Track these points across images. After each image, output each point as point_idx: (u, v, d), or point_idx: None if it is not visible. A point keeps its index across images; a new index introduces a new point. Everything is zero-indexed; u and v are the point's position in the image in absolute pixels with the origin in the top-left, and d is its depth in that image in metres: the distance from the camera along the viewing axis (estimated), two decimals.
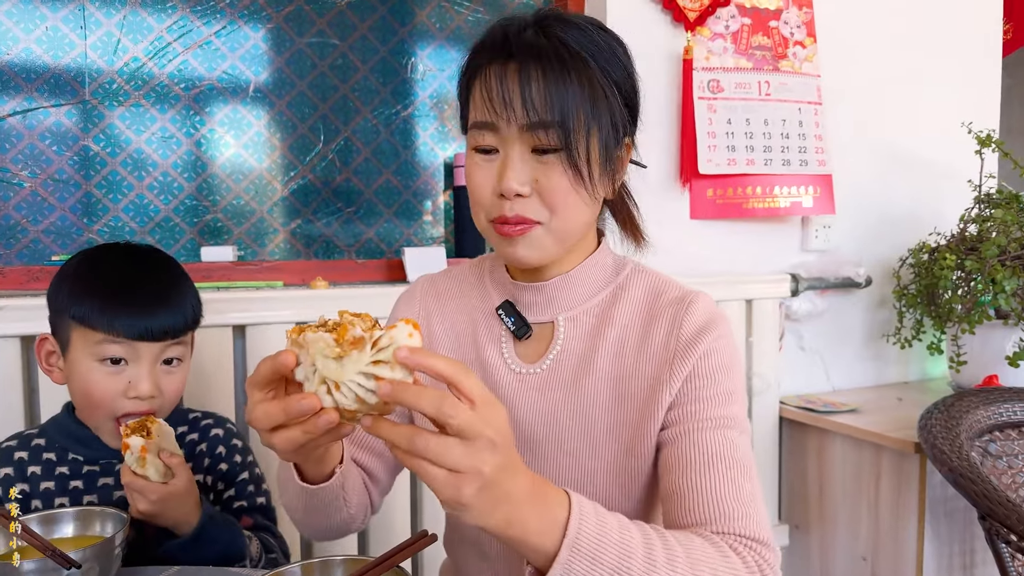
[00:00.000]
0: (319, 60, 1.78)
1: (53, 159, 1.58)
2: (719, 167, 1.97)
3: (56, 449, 1.08)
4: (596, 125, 0.82)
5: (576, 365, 0.91)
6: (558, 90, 0.79)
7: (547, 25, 0.83)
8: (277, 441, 0.64)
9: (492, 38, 0.84)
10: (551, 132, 0.80)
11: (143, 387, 1.02)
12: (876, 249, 2.22)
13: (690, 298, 0.90)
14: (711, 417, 0.84)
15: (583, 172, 0.82)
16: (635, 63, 0.89)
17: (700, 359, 0.86)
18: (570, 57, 0.80)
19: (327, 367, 0.59)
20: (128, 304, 1.02)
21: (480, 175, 0.85)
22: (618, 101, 0.84)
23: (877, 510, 1.85)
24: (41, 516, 0.91)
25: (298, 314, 1.56)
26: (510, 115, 0.80)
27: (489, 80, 0.82)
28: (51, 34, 1.57)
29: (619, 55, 0.86)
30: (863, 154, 2.21)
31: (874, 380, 2.29)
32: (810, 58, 2.08)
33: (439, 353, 0.66)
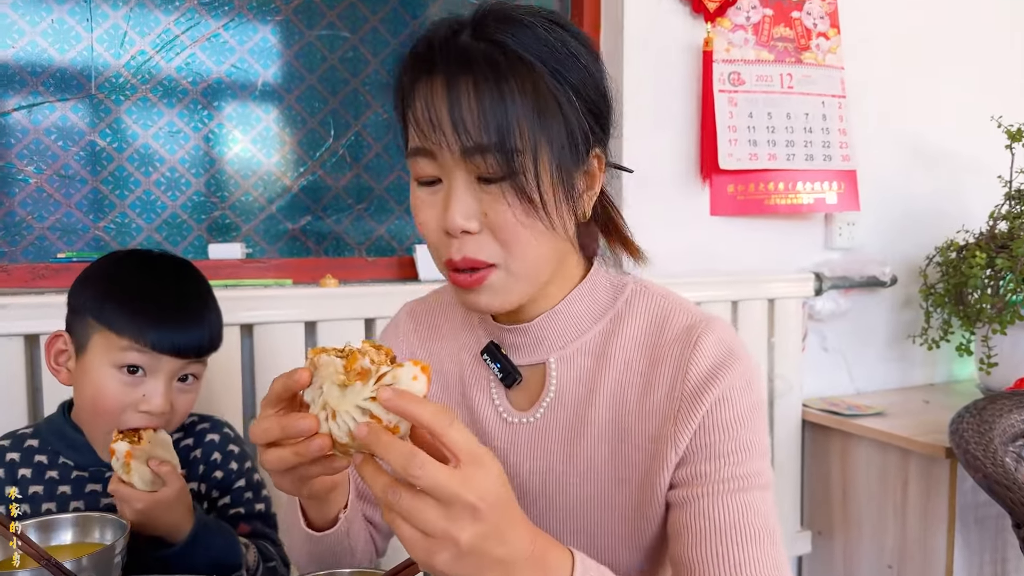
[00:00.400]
0: (329, 53, 1.74)
1: (59, 154, 1.55)
2: (740, 162, 1.91)
3: (48, 452, 1.05)
4: (546, 141, 0.69)
5: (572, 413, 0.81)
6: (493, 105, 0.66)
7: (483, 26, 0.70)
8: (268, 459, 0.62)
9: (416, 48, 0.72)
10: (490, 157, 0.67)
11: (156, 402, 0.99)
12: (902, 247, 2.16)
13: (698, 331, 0.77)
14: (725, 479, 0.74)
15: (534, 200, 0.69)
16: (603, 67, 0.76)
17: (710, 410, 0.75)
18: (507, 63, 0.67)
19: (331, 393, 0.59)
20: (162, 316, 1.00)
21: (425, 212, 0.73)
22: (577, 108, 0.71)
23: (904, 517, 1.79)
24: (39, 522, 0.88)
25: (307, 313, 1.52)
26: (440, 139, 0.68)
27: (415, 99, 0.70)
28: (57, 27, 1.54)
29: (578, 53, 0.72)
30: (888, 149, 2.14)
31: (899, 382, 2.22)
32: (833, 50, 2.01)
33: (428, 400, 0.58)
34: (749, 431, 0.75)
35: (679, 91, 1.90)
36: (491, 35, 0.69)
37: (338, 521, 0.80)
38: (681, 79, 1.89)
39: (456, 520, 0.54)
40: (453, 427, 0.56)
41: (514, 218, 0.70)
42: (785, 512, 2.01)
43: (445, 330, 0.92)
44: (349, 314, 1.52)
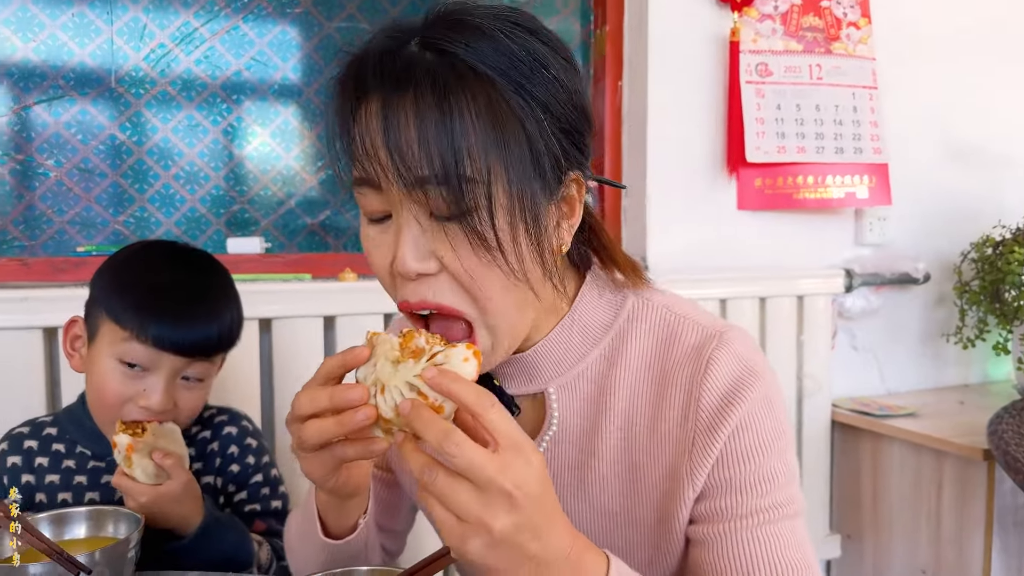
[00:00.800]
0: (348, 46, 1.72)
1: (79, 148, 1.55)
2: (768, 155, 1.86)
3: (66, 441, 1.05)
4: (503, 170, 0.58)
5: (578, 447, 0.74)
6: (436, 129, 0.56)
7: (432, 33, 0.59)
8: (308, 431, 0.59)
9: (350, 63, 0.62)
10: (436, 192, 0.58)
11: (154, 399, 0.96)
12: (935, 243, 2.10)
13: (711, 348, 0.69)
14: (752, 512, 0.68)
15: (489, 242, 0.59)
16: (579, 76, 0.66)
17: (729, 440, 0.67)
18: (456, 77, 0.57)
19: (384, 369, 0.59)
20: (163, 311, 0.96)
21: (374, 253, 0.64)
22: (546, 128, 0.61)
23: (939, 520, 1.73)
24: (53, 516, 0.87)
25: (326, 308, 1.50)
26: (378, 171, 0.59)
27: (352, 123, 0.60)
28: (77, 20, 1.53)
29: (547, 63, 0.61)
30: (921, 141, 2.08)
31: (932, 382, 2.16)
32: (864, 40, 1.96)
33: (471, 382, 0.55)
34: (773, 457, 0.69)
35: (705, 83, 1.86)
36: (440, 45, 0.58)
37: (357, 527, 0.77)
38: (707, 71, 1.85)
39: (490, 506, 0.52)
40: (493, 409, 0.54)
41: (473, 263, 0.60)
42: (813, 515, 1.96)
43: None
44: (368, 308, 1.50)
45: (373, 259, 0.65)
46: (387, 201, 0.61)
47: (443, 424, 0.53)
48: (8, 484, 1.01)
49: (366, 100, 0.59)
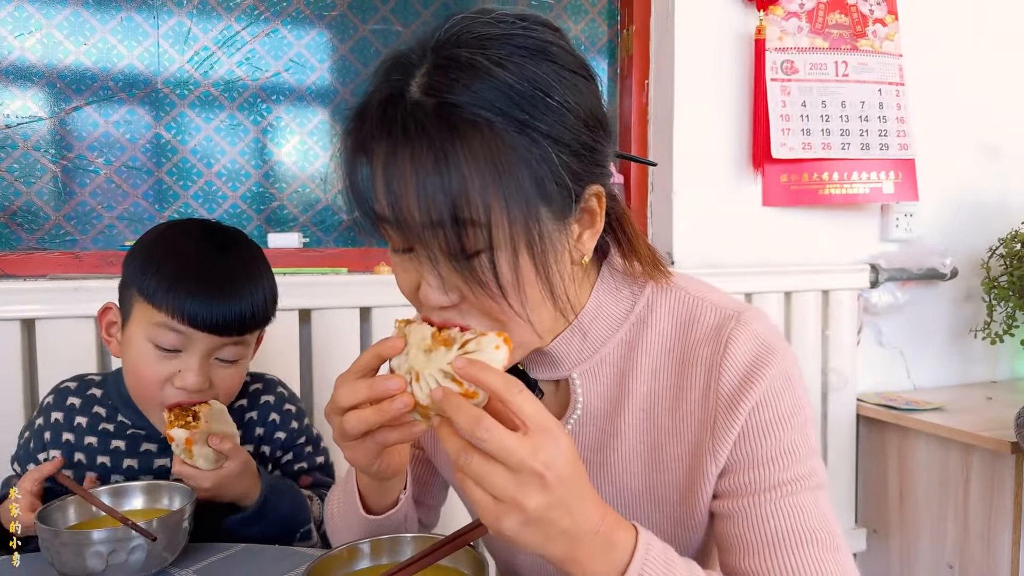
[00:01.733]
0: (382, 47, 1.77)
1: (126, 147, 1.62)
2: (793, 151, 1.88)
3: (108, 406, 1.06)
4: (508, 210, 0.59)
5: (601, 428, 0.77)
6: (437, 181, 0.57)
7: (429, 80, 0.59)
8: (350, 422, 0.63)
9: (353, 119, 0.63)
10: (442, 235, 0.59)
11: (190, 379, 0.96)
12: (963, 238, 2.10)
13: (730, 328, 0.71)
14: (775, 485, 0.70)
15: (491, 286, 0.61)
16: (591, 88, 0.65)
17: (749, 417, 0.70)
18: (453, 126, 0.57)
19: (417, 358, 0.61)
20: (197, 289, 0.95)
21: (401, 277, 0.67)
22: (554, 160, 0.61)
23: (966, 514, 1.74)
24: (111, 488, 0.92)
25: (361, 299, 1.55)
26: (388, 215, 0.61)
27: (353, 176, 0.62)
28: (125, 25, 1.60)
29: (551, 89, 0.61)
30: (949, 137, 2.09)
31: (960, 378, 2.16)
32: (891, 36, 1.97)
33: (499, 370, 0.58)
34: (794, 431, 0.71)
35: (731, 80, 1.88)
36: (437, 91, 0.59)
37: (398, 502, 0.82)
38: (733, 68, 1.88)
39: (524, 486, 0.55)
40: (521, 395, 0.57)
41: (490, 297, 0.62)
42: (839, 509, 1.97)
43: None
44: (401, 300, 1.54)
45: (400, 283, 0.68)
46: (405, 239, 0.63)
47: (474, 410, 0.56)
48: (49, 439, 1.03)
49: (368, 153, 0.61)
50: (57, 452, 1.03)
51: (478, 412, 0.56)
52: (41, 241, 1.57)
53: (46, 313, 1.38)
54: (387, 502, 0.82)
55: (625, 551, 0.61)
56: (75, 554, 0.79)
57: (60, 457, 1.00)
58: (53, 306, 1.38)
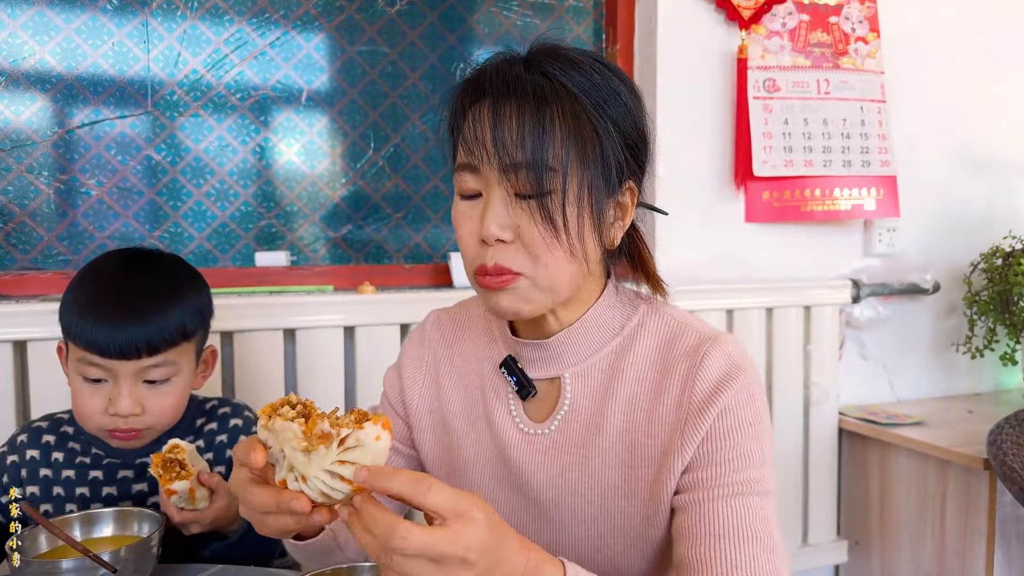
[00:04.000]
0: (370, 68, 1.81)
1: (118, 168, 1.65)
2: (775, 169, 1.91)
3: (81, 440, 1.10)
4: (579, 166, 0.74)
5: (585, 426, 0.85)
6: (532, 127, 0.73)
7: (534, 59, 0.77)
8: (272, 526, 0.66)
9: (471, 75, 0.79)
10: (524, 175, 0.74)
11: (121, 405, 0.99)
12: (945, 253, 2.12)
13: (706, 347, 0.81)
14: (727, 484, 0.78)
15: (557, 222, 0.74)
16: (643, 107, 0.81)
17: (715, 421, 0.79)
18: (552, 92, 0.74)
19: (295, 459, 0.60)
20: (99, 317, 0.98)
21: (464, 224, 0.79)
22: (615, 139, 0.77)
23: (943, 529, 1.76)
24: (81, 516, 0.95)
25: (347, 318, 1.59)
26: (482, 155, 0.75)
27: (465, 120, 0.77)
28: (117, 49, 1.64)
29: (619, 92, 0.78)
30: (931, 153, 2.11)
31: (942, 391, 2.18)
32: (873, 54, 1.99)
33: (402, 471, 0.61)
34: (750, 440, 0.79)
35: (713, 98, 1.91)
36: (540, 67, 0.76)
37: (322, 530, 0.85)
38: (715, 86, 1.90)
39: (449, 572, 0.58)
40: (431, 492, 0.58)
41: (540, 236, 0.75)
42: (821, 520, 2.00)
43: (468, 341, 0.96)
44: (386, 319, 1.59)
45: (461, 230, 0.79)
46: (481, 182, 0.77)
47: (387, 521, 0.57)
48: (26, 476, 1.07)
49: (480, 102, 0.76)
50: (35, 488, 1.06)
51: (391, 522, 0.57)
52: (35, 261, 1.61)
53: (38, 335, 1.41)
54: (313, 529, 0.84)
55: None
56: None
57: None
58: (44, 328, 1.41)
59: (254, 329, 1.53)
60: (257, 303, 1.53)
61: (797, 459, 1.96)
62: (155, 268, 1.07)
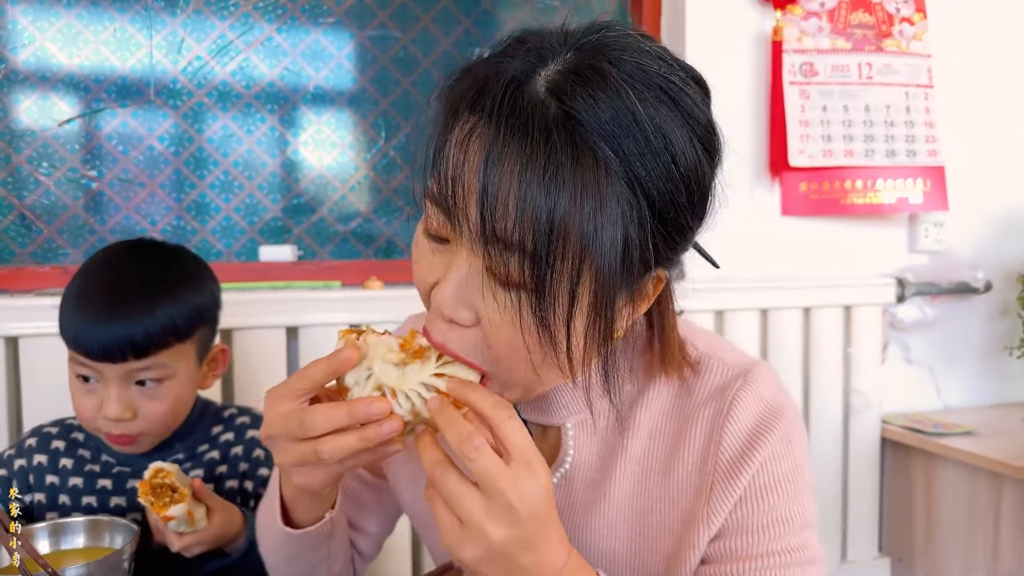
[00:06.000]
0: (380, 54, 1.72)
1: (119, 159, 1.59)
2: (812, 159, 1.78)
3: (91, 448, 1.05)
4: (593, 262, 0.52)
5: (589, 486, 0.71)
6: (537, 196, 0.50)
7: (567, 85, 0.52)
8: (330, 448, 0.57)
9: (475, 78, 0.55)
10: (514, 259, 0.52)
11: (110, 409, 0.93)
12: (997, 250, 1.98)
13: (735, 388, 0.66)
14: (764, 554, 0.65)
15: (554, 334, 0.54)
16: (714, 152, 0.59)
17: (749, 483, 0.65)
18: (573, 151, 0.51)
19: (386, 373, 0.58)
20: (85, 316, 0.92)
21: (422, 266, 0.60)
22: (649, 225, 0.54)
23: (996, 548, 1.63)
24: (51, 526, 0.88)
25: (352, 316, 1.51)
26: (462, 214, 0.53)
27: (448, 147, 0.54)
28: (118, 35, 1.58)
29: (676, 155, 0.54)
30: (982, 142, 1.97)
31: (994, 399, 2.04)
32: (919, 36, 1.86)
33: (489, 391, 0.55)
34: (790, 500, 0.66)
35: (746, 84, 1.79)
36: (570, 104, 0.52)
37: (322, 519, 0.74)
38: (748, 71, 1.79)
39: (493, 516, 0.53)
40: (510, 422, 0.54)
41: (519, 341, 0.55)
42: (861, 536, 1.87)
43: None
44: (392, 316, 1.50)
45: (416, 270, 0.61)
46: (450, 232, 0.56)
47: (465, 425, 0.54)
48: (33, 482, 1.02)
49: (472, 121, 0.53)
50: (40, 495, 1.02)
51: (470, 428, 0.54)
52: (34, 255, 1.56)
53: (30, 331, 1.36)
54: (313, 515, 0.74)
55: None
56: None
57: None
58: (37, 323, 1.35)
59: (256, 327, 1.45)
60: (260, 299, 1.46)
61: (836, 470, 1.84)
62: (153, 262, 0.99)
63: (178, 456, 1.04)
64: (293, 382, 0.59)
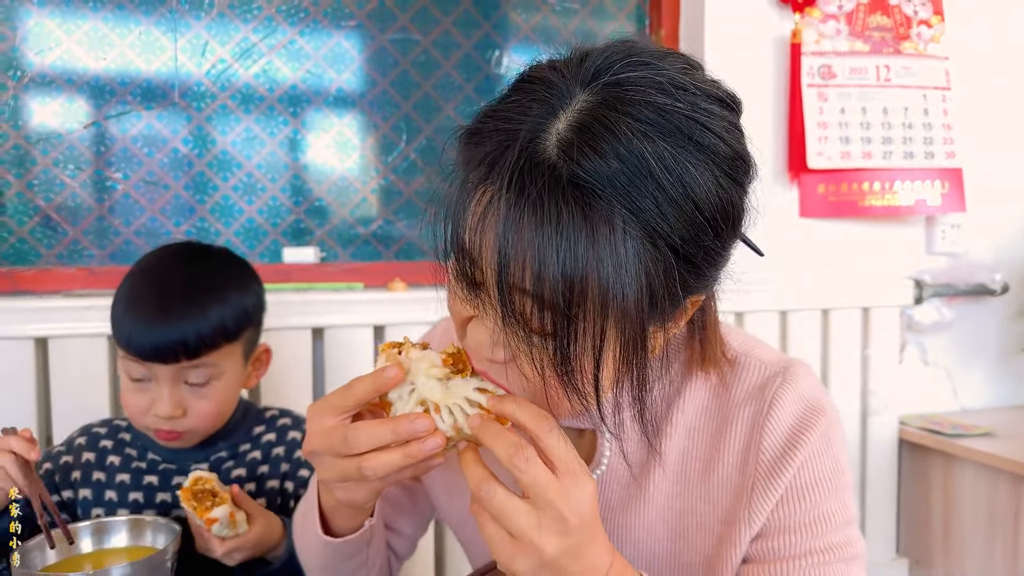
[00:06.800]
0: (402, 57, 1.73)
1: (144, 161, 1.61)
2: (831, 161, 1.79)
3: (138, 446, 1.07)
4: (613, 311, 0.51)
5: (626, 489, 0.71)
6: (548, 259, 0.50)
7: (580, 147, 0.51)
8: (375, 464, 0.58)
9: (492, 140, 0.54)
10: (535, 309, 0.52)
11: (162, 408, 0.96)
12: (1015, 251, 1.98)
13: (775, 386, 0.66)
14: (807, 553, 0.66)
15: (580, 386, 0.55)
16: (743, 175, 0.57)
17: (791, 482, 0.66)
18: (591, 212, 0.50)
19: (429, 388, 0.58)
20: (137, 318, 0.94)
21: (455, 302, 0.60)
22: (676, 271, 0.54)
23: (1016, 550, 1.63)
24: (94, 524, 0.90)
25: (376, 317, 1.52)
26: (482, 273, 0.55)
27: (466, 213, 0.54)
28: (144, 38, 1.59)
29: (699, 200, 0.53)
30: (1001, 144, 1.97)
31: (1012, 400, 2.03)
32: (937, 38, 1.86)
33: (530, 403, 0.55)
34: (831, 497, 0.67)
35: (764, 86, 1.80)
36: (578, 157, 0.51)
37: (363, 527, 0.75)
38: (766, 73, 1.80)
39: (545, 530, 0.54)
40: (553, 433, 0.55)
41: (545, 381, 0.55)
42: (878, 537, 1.87)
43: None
44: (416, 318, 1.51)
45: (452, 310, 0.61)
46: (479, 274, 0.55)
47: (514, 438, 0.54)
48: (79, 478, 1.04)
49: (487, 197, 0.53)
50: (87, 491, 1.03)
51: (518, 440, 0.54)
52: (60, 257, 1.57)
53: (59, 332, 1.37)
54: (352, 525, 0.75)
55: None
56: None
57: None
58: (66, 324, 1.37)
59: (281, 328, 1.46)
60: (285, 301, 1.47)
61: (853, 471, 1.84)
62: (200, 265, 1.02)
63: (221, 454, 1.06)
64: (336, 399, 0.60)
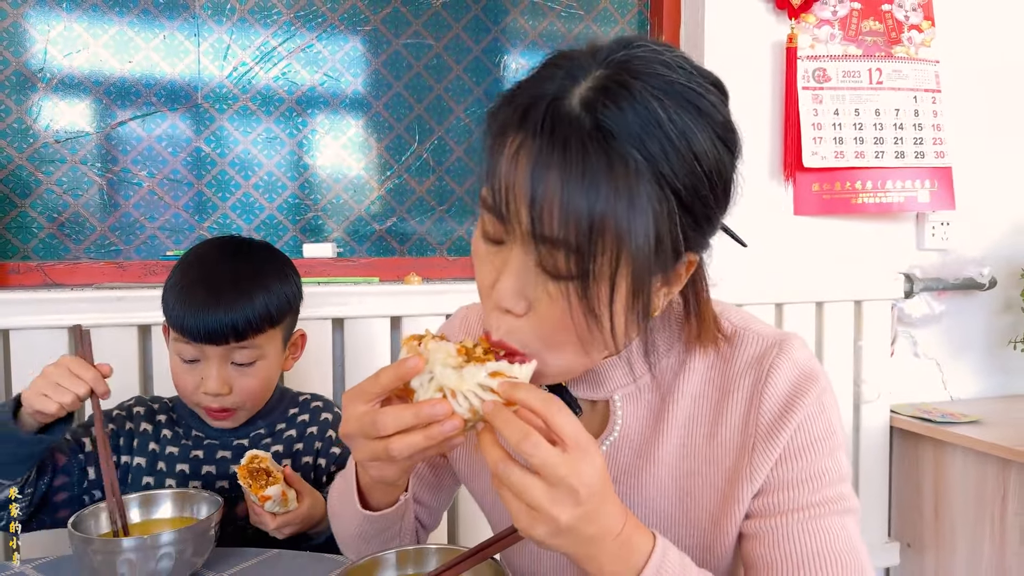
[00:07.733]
0: (415, 61, 1.80)
1: (168, 160, 1.67)
2: (825, 160, 1.87)
3: (183, 425, 1.17)
4: (630, 252, 0.59)
5: (637, 452, 0.78)
6: (579, 198, 0.57)
7: (599, 100, 0.59)
8: (399, 446, 0.63)
9: (522, 101, 0.61)
10: (560, 254, 0.59)
11: (211, 385, 1.06)
12: (1002, 247, 2.06)
13: (771, 357, 0.73)
14: (803, 507, 0.71)
15: (599, 315, 0.61)
16: (733, 147, 0.65)
17: (787, 443, 0.72)
18: (608, 157, 0.58)
19: (445, 376, 0.62)
20: (190, 305, 1.04)
21: (483, 267, 0.67)
22: (679, 219, 0.61)
23: (1003, 532, 1.70)
24: (141, 496, 0.98)
25: (394, 308, 1.58)
26: (514, 216, 0.61)
27: (500, 159, 0.61)
28: (168, 42, 1.66)
29: (702, 155, 0.61)
30: (988, 144, 2.05)
31: (998, 390, 2.11)
32: (927, 43, 1.94)
33: (537, 388, 0.61)
34: (825, 456, 0.72)
35: (762, 89, 1.87)
36: (600, 111, 0.58)
37: (398, 502, 0.83)
38: (763, 77, 1.87)
39: (559, 502, 0.58)
40: (560, 414, 0.59)
41: (569, 323, 0.62)
42: (871, 521, 1.95)
43: None
44: (431, 310, 1.58)
45: (478, 272, 0.68)
46: (505, 233, 0.63)
47: (522, 425, 0.59)
48: (137, 445, 1.13)
49: (520, 136, 0.60)
50: (141, 459, 1.12)
51: (526, 427, 0.59)
52: (88, 251, 1.64)
53: (91, 321, 1.43)
54: (388, 500, 0.83)
55: (642, 555, 0.64)
56: (106, 562, 0.83)
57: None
58: (98, 315, 1.44)
59: (305, 318, 1.52)
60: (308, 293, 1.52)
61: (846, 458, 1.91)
62: (245, 258, 1.12)
63: (260, 431, 1.14)
64: (366, 386, 0.66)
